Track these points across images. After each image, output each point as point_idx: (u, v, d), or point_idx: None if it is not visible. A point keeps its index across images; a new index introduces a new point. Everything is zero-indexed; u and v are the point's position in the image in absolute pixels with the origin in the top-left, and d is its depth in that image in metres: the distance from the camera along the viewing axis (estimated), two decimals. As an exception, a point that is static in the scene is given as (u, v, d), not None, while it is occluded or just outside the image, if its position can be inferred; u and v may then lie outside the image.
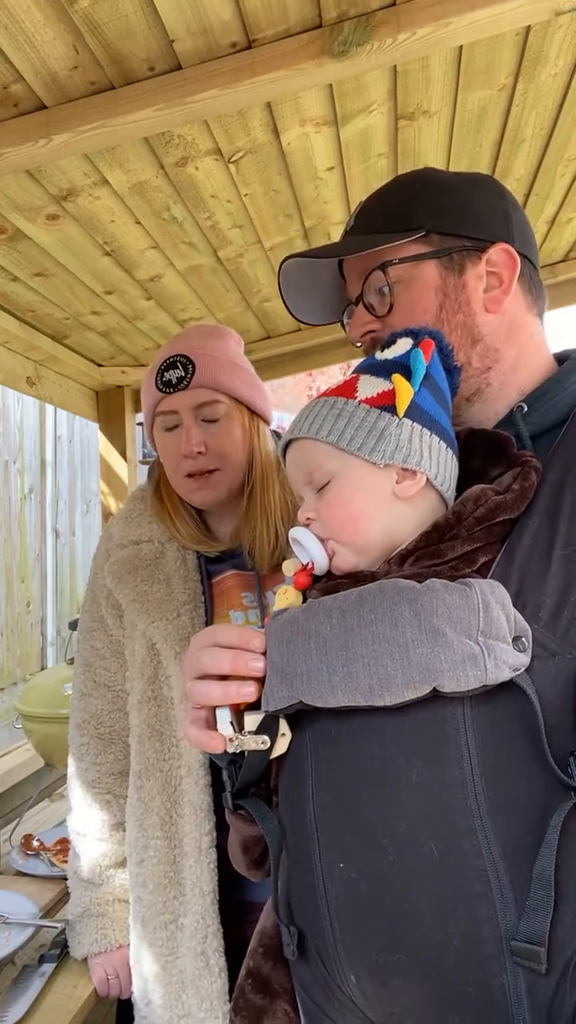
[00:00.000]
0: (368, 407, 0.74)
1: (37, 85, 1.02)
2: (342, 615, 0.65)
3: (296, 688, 0.65)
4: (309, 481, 0.76)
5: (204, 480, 1.28)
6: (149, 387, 1.31)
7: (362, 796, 0.65)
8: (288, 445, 0.81)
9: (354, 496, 0.73)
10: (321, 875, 0.67)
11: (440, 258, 0.85)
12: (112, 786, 1.38)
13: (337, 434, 0.74)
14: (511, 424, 0.83)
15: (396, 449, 0.72)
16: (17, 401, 3.19)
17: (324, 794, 0.68)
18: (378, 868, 0.63)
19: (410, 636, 0.61)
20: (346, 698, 0.63)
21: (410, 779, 0.63)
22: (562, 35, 1.14)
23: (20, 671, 3.06)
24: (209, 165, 1.29)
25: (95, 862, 1.37)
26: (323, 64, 1.00)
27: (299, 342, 2.27)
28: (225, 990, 1.16)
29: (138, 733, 1.30)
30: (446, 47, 1.06)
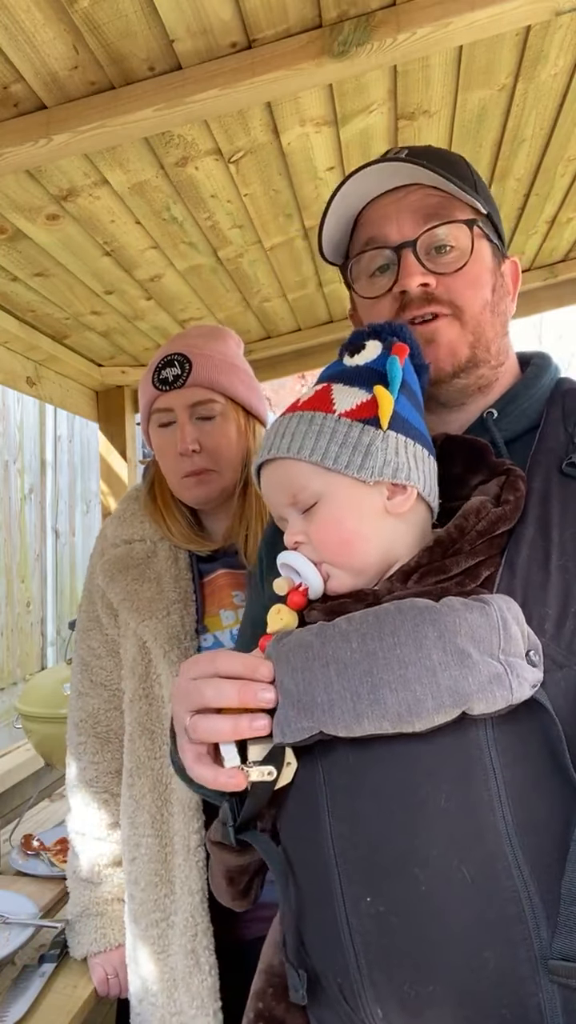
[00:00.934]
0: (349, 421, 0.70)
1: (37, 85, 1.02)
2: (362, 639, 0.62)
3: (317, 718, 0.61)
4: (293, 503, 0.73)
5: (199, 478, 1.29)
6: (146, 385, 1.32)
7: (388, 825, 0.62)
8: (263, 465, 0.76)
9: (345, 517, 0.70)
10: (344, 911, 0.63)
11: (492, 245, 0.84)
12: (110, 785, 1.39)
13: (320, 452, 0.70)
14: (484, 430, 0.82)
15: (384, 464, 0.69)
16: (17, 401, 3.18)
17: (343, 825, 0.64)
18: (410, 899, 0.61)
19: (437, 659, 0.59)
20: (373, 726, 0.60)
21: (438, 804, 0.60)
22: (562, 35, 1.14)
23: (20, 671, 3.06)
24: (209, 165, 1.29)
25: (93, 861, 1.38)
26: (323, 64, 1.00)
27: (299, 342, 2.27)
28: (216, 988, 1.16)
29: (130, 731, 1.31)
30: (446, 47, 1.06)
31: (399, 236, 0.82)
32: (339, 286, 1.98)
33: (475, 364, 0.83)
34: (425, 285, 0.80)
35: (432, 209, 0.81)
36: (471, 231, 0.81)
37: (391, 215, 0.83)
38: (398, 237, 0.82)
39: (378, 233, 0.83)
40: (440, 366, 0.81)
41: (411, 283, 0.80)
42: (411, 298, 0.81)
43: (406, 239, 0.81)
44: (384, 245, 0.83)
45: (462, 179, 0.81)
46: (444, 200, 0.81)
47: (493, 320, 0.83)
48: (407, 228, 0.82)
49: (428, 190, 0.82)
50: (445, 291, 0.81)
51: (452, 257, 0.81)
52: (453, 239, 0.81)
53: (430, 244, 0.81)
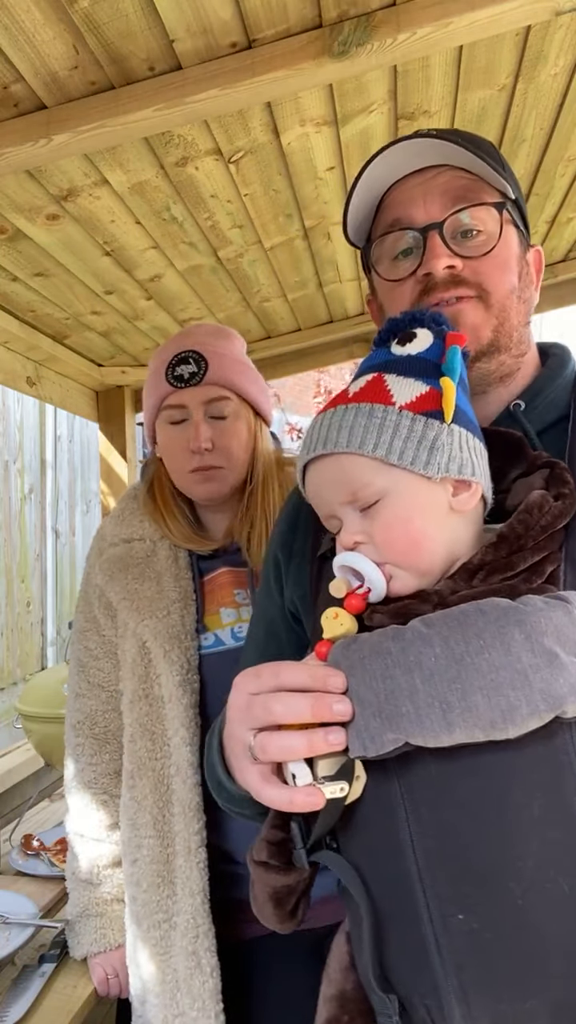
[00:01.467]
0: (412, 414, 0.66)
1: (37, 85, 1.02)
2: (445, 642, 0.58)
3: (403, 729, 0.58)
4: (351, 501, 0.68)
5: (209, 475, 1.29)
6: (157, 381, 1.31)
7: (479, 838, 0.59)
8: (312, 461, 0.71)
9: (413, 516, 0.66)
10: (432, 931, 0.60)
11: (519, 231, 0.82)
12: (108, 786, 1.39)
13: (385, 447, 0.66)
14: (513, 421, 0.80)
15: (450, 460, 0.66)
16: (17, 401, 3.18)
17: (429, 840, 0.60)
18: (505, 914, 0.58)
19: (527, 661, 0.56)
20: (464, 735, 0.56)
21: (532, 814, 0.58)
22: (562, 35, 1.14)
23: (20, 671, 3.06)
24: (209, 165, 1.29)
25: (93, 862, 1.37)
26: (323, 64, 1.00)
27: (299, 342, 2.27)
28: (217, 990, 1.15)
29: (130, 732, 1.31)
30: (446, 47, 1.06)
31: (426, 218, 0.79)
32: (339, 286, 1.98)
33: (497, 349, 0.80)
34: (451, 267, 0.78)
35: (460, 191, 0.79)
36: (500, 215, 0.79)
37: (417, 196, 0.80)
38: (424, 219, 0.79)
39: (404, 215, 0.81)
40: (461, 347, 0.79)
41: (437, 265, 0.78)
42: (436, 281, 0.78)
43: (433, 221, 0.78)
44: (410, 226, 0.80)
45: (492, 159, 0.79)
46: (473, 182, 0.79)
47: (518, 307, 0.81)
48: (434, 210, 0.79)
49: (457, 172, 0.79)
50: (472, 273, 0.78)
51: (480, 241, 0.79)
52: (481, 222, 0.79)
53: (457, 227, 0.79)
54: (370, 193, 0.84)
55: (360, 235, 0.89)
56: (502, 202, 0.79)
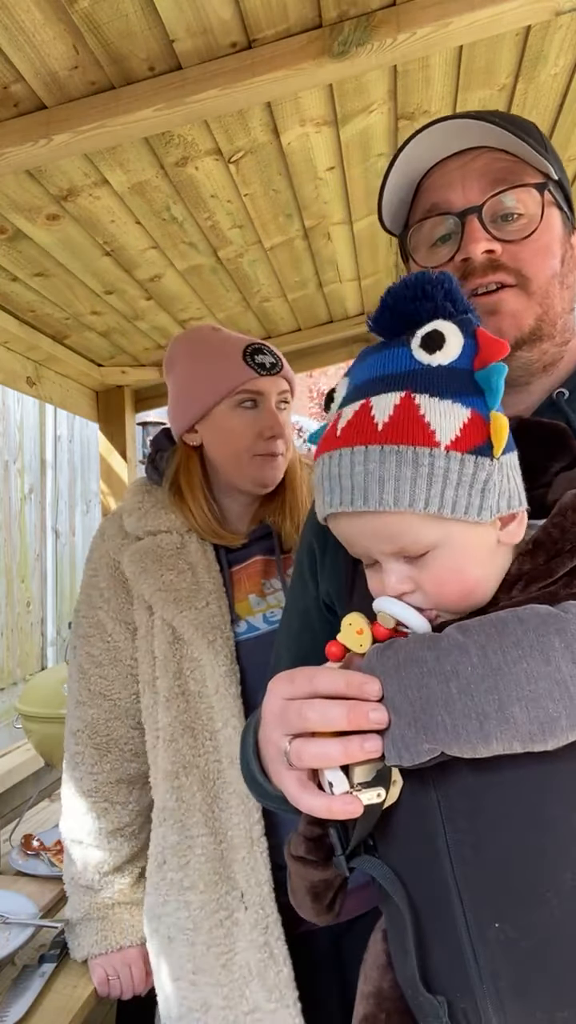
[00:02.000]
0: (460, 455, 0.59)
1: (37, 85, 1.02)
2: (482, 651, 0.56)
3: (439, 739, 0.56)
4: (396, 553, 0.63)
5: (273, 461, 1.36)
6: (233, 366, 1.34)
7: (517, 849, 0.58)
8: (343, 513, 0.64)
9: (467, 565, 0.62)
10: (469, 938, 0.60)
11: (562, 212, 0.80)
12: (110, 794, 1.36)
13: (438, 502, 0.59)
14: (556, 411, 0.77)
15: (500, 497, 0.61)
16: (17, 401, 3.18)
17: (466, 850, 0.60)
18: (542, 925, 0.57)
19: (567, 671, 0.54)
20: (502, 747, 0.55)
21: (571, 826, 0.57)
22: (562, 35, 1.14)
23: (20, 671, 3.06)
24: (209, 165, 1.29)
25: (94, 868, 1.35)
26: (323, 64, 1.00)
27: (299, 342, 2.27)
28: (292, 978, 1.15)
29: (169, 732, 1.27)
30: (446, 47, 1.06)
31: (464, 202, 0.76)
32: (339, 286, 1.98)
33: (539, 337, 0.77)
34: (490, 252, 0.75)
35: (500, 173, 0.76)
36: (541, 196, 0.75)
37: (456, 180, 0.77)
38: (463, 203, 0.76)
39: (441, 199, 0.78)
40: (502, 336, 0.73)
41: (475, 249, 0.74)
42: (474, 266, 0.75)
43: (471, 204, 0.76)
44: (448, 211, 0.77)
45: (534, 139, 0.76)
46: (513, 163, 0.76)
47: (561, 293, 0.78)
48: (472, 193, 0.76)
49: (496, 153, 0.76)
50: (511, 259, 0.75)
51: (520, 224, 0.76)
52: (522, 205, 0.76)
53: (496, 211, 0.76)
54: (406, 177, 0.81)
55: (397, 221, 0.86)
56: (543, 183, 0.76)
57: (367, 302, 2.15)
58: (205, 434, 1.37)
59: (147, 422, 4.30)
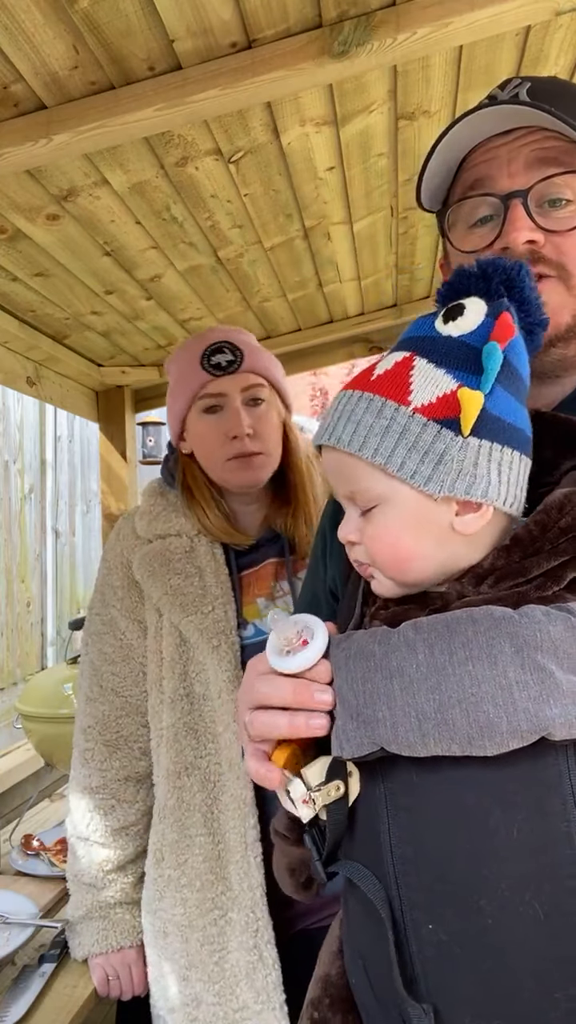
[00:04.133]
0: (424, 420, 0.60)
1: (37, 85, 1.02)
2: (429, 650, 0.56)
3: (378, 734, 0.56)
4: (351, 498, 0.65)
5: (249, 461, 1.30)
6: (191, 372, 1.32)
7: (454, 853, 0.57)
8: (323, 447, 0.67)
9: (403, 533, 0.62)
10: (406, 935, 0.59)
11: None
12: (117, 791, 1.37)
13: (385, 455, 0.60)
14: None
15: (457, 478, 0.60)
16: (17, 401, 3.18)
17: (406, 848, 0.59)
18: (475, 931, 0.56)
19: (513, 677, 0.52)
20: (439, 748, 0.54)
21: (511, 835, 0.55)
22: (562, 35, 1.14)
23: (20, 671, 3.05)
24: (209, 165, 1.29)
25: (97, 866, 1.36)
26: (323, 64, 1.00)
27: (299, 342, 2.27)
28: (280, 981, 1.15)
29: (172, 732, 1.28)
30: (446, 47, 1.06)
31: (509, 183, 0.73)
32: (339, 286, 1.98)
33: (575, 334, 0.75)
34: (532, 242, 0.72)
35: (550, 156, 0.72)
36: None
37: (502, 159, 0.74)
38: (508, 185, 0.73)
39: (485, 175, 0.75)
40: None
41: (518, 238, 0.72)
42: (514, 256, 0.72)
43: (517, 188, 0.72)
44: (491, 192, 0.74)
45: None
46: (565, 146, 0.72)
47: None
48: (519, 175, 0.73)
49: (547, 133, 0.73)
50: (554, 250, 0.72)
51: (568, 212, 0.72)
52: (571, 192, 0.72)
53: (543, 195, 0.73)
54: (450, 154, 0.78)
55: (437, 197, 0.83)
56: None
57: (367, 302, 2.15)
58: (190, 443, 1.37)
59: (147, 422, 4.30)
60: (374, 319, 2.23)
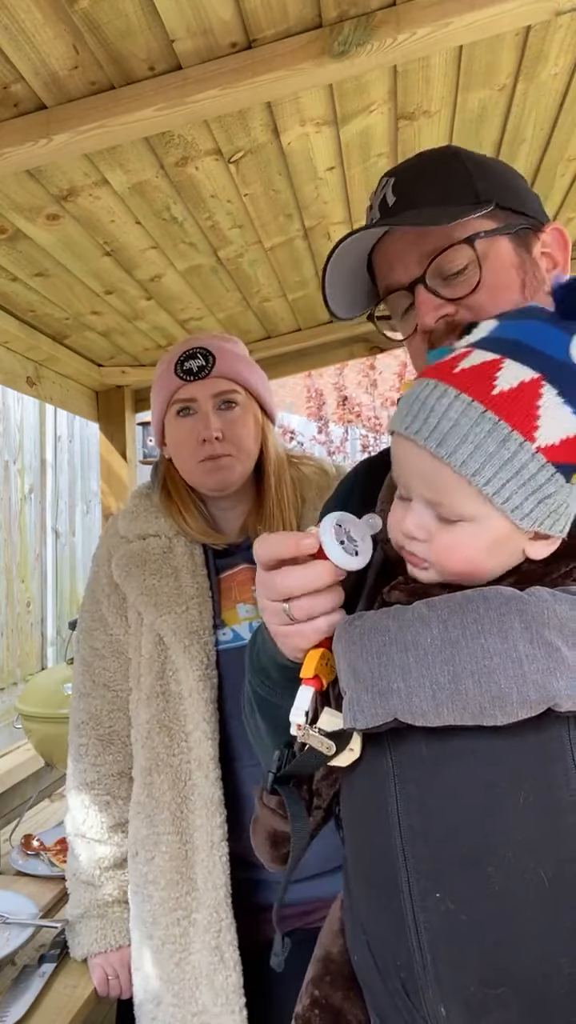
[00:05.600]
0: (543, 460, 0.59)
1: (37, 85, 1.02)
2: (443, 625, 0.58)
3: (392, 705, 0.58)
4: (432, 503, 0.64)
5: (218, 463, 1.31)
6: (167, 377, 1.35)
7: (462, 822, 0.60)
8: (410, 438, 0.64)
9: (482, 551, 0.63)
10: (411, 904, 0.61)
11: (511, 234, 0.80)
12: (111, 787, 1.38)
13: (497, 487, 0.59)
14: None
15: (550, 516, 0.61)
16: (17, 401, 3.18)
17: (414, 818, 0.62)
18: (481, 898, 0.59)
19: (523, 650, 0.55)
20: (452, 717, 0.57)
21: (517, 804, 0.58)
22: (562, 35, 1.14)
23: (20, 671, 3.05)
24: (209, 165, 1.29)
25: (95, 863, 1.37)
26: (323, 64, 1.00)
27: (299, 342, 2.27)
28: (240, 984, 1.16)
29: (147, 729, 1.30)
30: (446, 47, 1.06)
31: (407, 276, 0.80)
32: (339, 286, 1.98)
33: None
34: (445, 316, 0.78)
35: (428, 240, 0.78)
36: (473, 247, 0.77)
37: (394, 260, 0.82)
38: (407, 277, 0.80)
39: (390, 280, 0.83)
40: None
41: (429, 320, 0.78)
42: (439, 334, 0.78)
43: (415, 277, 0.79)
44: (398, 287, 0.82)
45: (457, 189, 0.79)
46: (442, 232, 0.77)
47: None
48: (412, 267, 0.80)
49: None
50: (468, 312, 0.77)
51: (467, 276, 0.78)
52: (464, 257, 0.78)
53: (441, 271, 0.78)
54: (354, 264, 0.86)
55: (356, 305, 0.90)
56: (472, 235, 0.77)
57: (367, 302, 2.15)
58: (168, 446, 1.40)
59: (147, 422, 4.30)
60: (374, 319, 2.23)
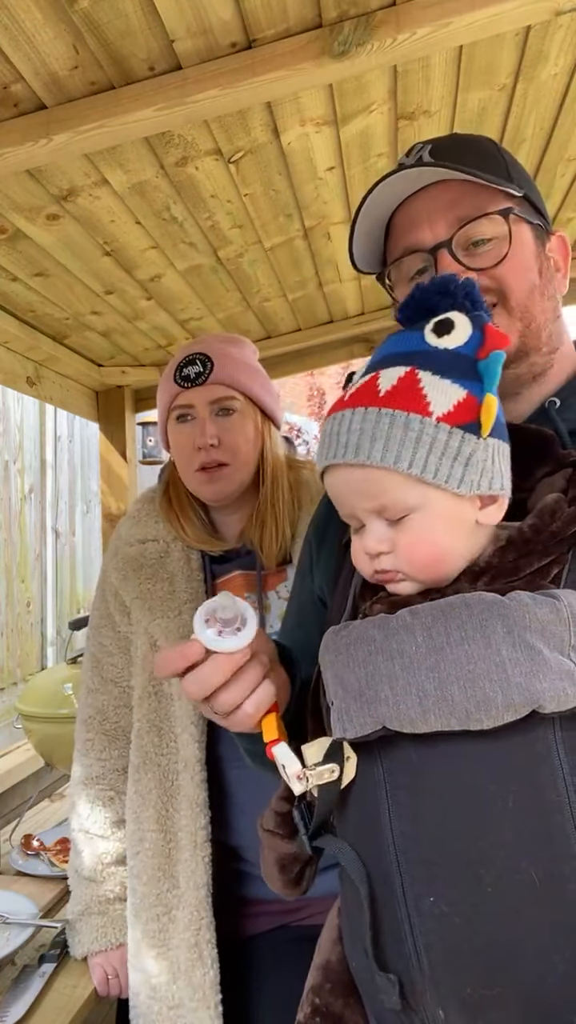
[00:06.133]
0: (449, 428, 0.63)
1: (37, 85, 1.02)
2: (427, 632, 0.60)
3: (381, 713, 0.60)
4: (379, 511, 0.67)
5: (215, 473, 1.31)
6: (167, 383, 1.35)
7: (453, 826, 0.61)
8: (339, 466, 0.68)
9: (441, 534, 0.65)
10: (406, 910, 0.62)
11: (533, 225, 0.82)
12: (115, 783, 1.40)
13: (420, 465, 0.63)
14: (546, 419, 0.79)
15: (482, 475, 0.64)
16: (17, 401, 3.18)
17: (405, 824, 0.63)
18: (474, 900, 0.59)
19: (506, 655, 0.57)
20: (440, 723, 0.58)
21: (506, 805, 0.59)
22: (562, 35, 1.14)
23: (20, 671, 3.05)
24: (209, 165, 1.29)
25: (96, 859, 1.38)
26: (323, 64, 1.00)
27: (299, 342, 2.27)
28: (217, 981, 1.17)
29: (138, 727, 1.33)
30: (446, 47, 1.06)
31: (433, 237, 0.79)
32: (339, 286, 1.98)
33: (526, 353, 0.80)
34: None
35: (464, 205, 0.78)
36: (507, 220, 0.78)
37: (422, 219, 0.80)
38: (432, 238, 0.79)
39: (412, 239, 0.81)
40: None
41: None
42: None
43: (440, 240, 0.79)
44: (419, 248, 0.80)
45: (492, 167, 0.79)
46: (476, 193, 0.78)
47: (543, 304, 0.80)
48: (440, 229, 0.79)
49: (457, 185, 0.79)
50: (489, 280, 0.77)
51: (491, 248, 0.78)
52: (490, 231, 0.78)
53: (467, 239, 0.79)
54: (375, 221, 0.85)
55: (373, 261, 0.89)
56: (507, 207, 0.78)
57: (367, 302, 2.15)
58: (171, 452, 1.40)
59: (147, 422, 4.30)
60: (374, 319, 2.23)
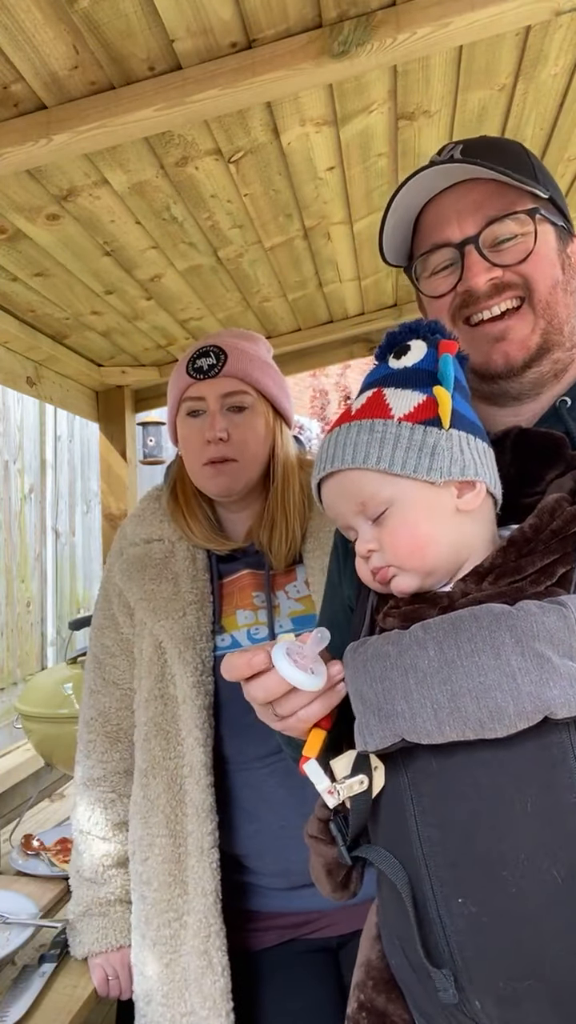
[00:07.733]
0: (411, 424, 0.70)
1: (37, 85, 1.02)
2: (439, 646, 0.63)
3: (398, 726, 0.63)
4: (361, 512, 0.72)
5: (222, 467, 1.29)
6: (179, 375, 1.33)
7: (475, 831, 0.63)
8: (325, 479, 0.75)
9: (419, 521, 0.70)
10: (438, 910, 0.65)
11: (558, 227, 0.84)
12: (117, 784, 1.38)
13: (387, 459, 0.69)
14: (558, 420, 0.81)
15: (451, 463, 0.69)
16: (17, 401, 3.18)
17: (431, 830, 0.65)
18: (500, 900, 0.62)
19: (516, 665, 0.59)
20: (455, 734, 0.61)
21: (525, 809, 0.61)
22: (562, 35, 1.14)
23: (20, 671, 3.05)
24: (209, 165, 1.29)
25: (98, 861, 1.37)
26: (323, 64, 1.00)
27: (299, 342, 2.27)
28: (228, 989, 1.16)
29: (144, 731, 1.31)
30: (446, 47, 1.06)
31: (461, 233, 0.82)
32: (339, 286, 1.98)
33: (548, 349, 0.82)
34: (493, 279, 0.81)
35: (491, 203, 0.81)
36: (533, 220, 0.81)
37: (451, 216, 0.83)
38: (460, 234, 0.82)
39: (441, 235, 0.84)
40: (511, 360, 0.81)
41: (478, 283, 0.81)
42: (479, 294, 0.81)
43: (468, 236, 0.81)
44: (447, 243, 0.83)
45: (519, 168, 0.81)
46: (503, 192, 0.81)
47: (565, 300, 0.83)
48: (468, 226, 0.82)
49: (486, 184, 0.82)
50: (516, 275, 0.81)
51: (517, 245, 0.81)
52: (517, 226, 0.81)
53: (495, 237, 0.81)
54: (405, 214, 0.87)
55: (401, 253, 0.92)
56: (534, 207, 0.81)
57: (367, 302, 2.15)
58: (180, 446, 1.38)
59: (147, 422, 4.30)
60: (374, 319, 2.23)
